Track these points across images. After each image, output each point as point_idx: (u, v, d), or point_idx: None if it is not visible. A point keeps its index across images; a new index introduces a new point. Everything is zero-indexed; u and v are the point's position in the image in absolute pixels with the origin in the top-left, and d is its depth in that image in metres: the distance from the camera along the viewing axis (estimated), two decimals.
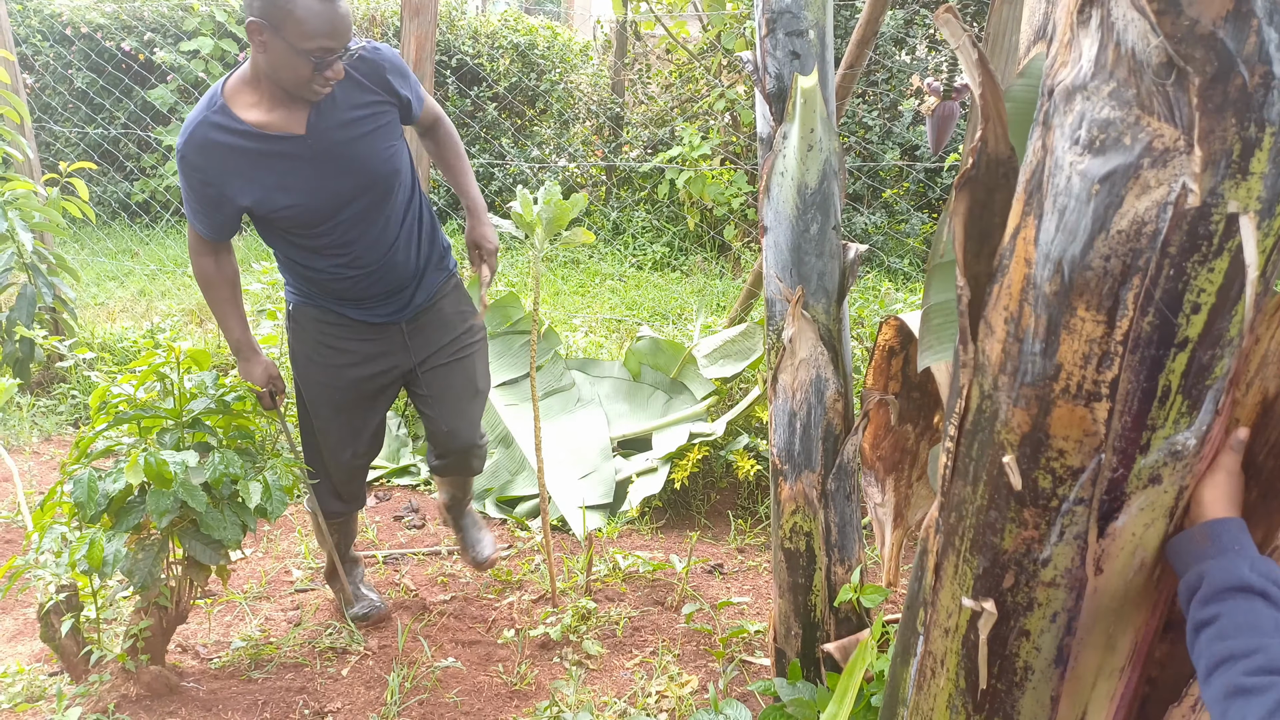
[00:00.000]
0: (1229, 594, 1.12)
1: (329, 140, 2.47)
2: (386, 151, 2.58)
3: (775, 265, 2.12)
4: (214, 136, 2.42)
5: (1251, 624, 1.09)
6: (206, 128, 2.43)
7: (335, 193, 2.52)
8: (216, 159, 2.44)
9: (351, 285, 2.67)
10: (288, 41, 2.27)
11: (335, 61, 2.33)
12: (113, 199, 8.50)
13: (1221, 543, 1.17)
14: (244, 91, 2.44)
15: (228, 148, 2.43)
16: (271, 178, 2.47)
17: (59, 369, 4.94)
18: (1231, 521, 1.19)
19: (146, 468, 2.31)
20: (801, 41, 1.94)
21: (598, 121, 8.61)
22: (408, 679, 2.75)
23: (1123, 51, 1.07)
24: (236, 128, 2.42)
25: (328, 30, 2.27)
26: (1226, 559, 1.15)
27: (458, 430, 2.92)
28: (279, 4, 2.24)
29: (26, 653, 2.88)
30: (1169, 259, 1.08)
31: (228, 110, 2.43)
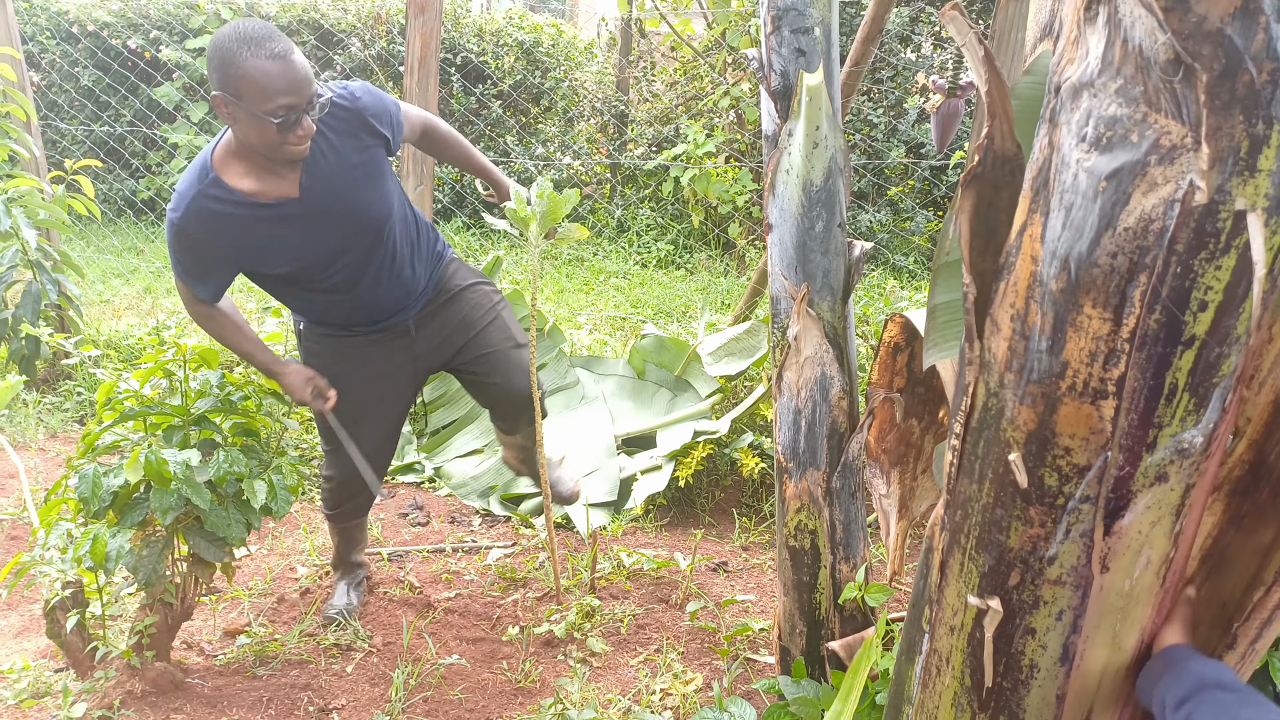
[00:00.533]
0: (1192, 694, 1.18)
1: (323, 199, 2.49)
2: (380, 196, 2.59)
3: (780, 263, 2.12)
4: (210, 207, 2.42)
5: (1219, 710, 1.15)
6: (202, 199, 2.42)
7: (333, 245, 2.55)
8: (214, 228, 2.44)
9: (355, 311, 2.71)
10: (248, 109, 2.25)
11: (301, 118, 2.30)
12: (118, 196, 8.52)
13: (1175, 657, 1.26)
14: (232, 162, 2.44)
15: (224, 217, 2.43)
16: (270, 241, 2.49)
17: (64, 366, 4.95)
18: (1180, 647, 1.29)
19: (146, 465, 2.31)
20: (807, 39, 1.94)
21: (602, 119, 8.61)
22: (412, 676, 2.75)
23: (1130, 48, 1.07)
24: (231, 199, 2.42)
25: (284, 87, 2.24)
26: (1180, 668, 1.23)
27: (510, 381, 2.94)
28: (232, 73, 2.23)
29: (32, 649, 2.88)
30: (1176, 256, 1.07)
31: (220, 182, 2.42)
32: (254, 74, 2.21)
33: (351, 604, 3.10)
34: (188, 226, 2.44)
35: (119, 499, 2.40)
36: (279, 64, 2.23)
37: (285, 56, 2.24)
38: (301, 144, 2.35)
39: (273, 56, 2.22)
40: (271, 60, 2.22)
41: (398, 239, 2.68)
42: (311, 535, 3.62)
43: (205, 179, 2.43)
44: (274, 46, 2.23)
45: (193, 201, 2.42)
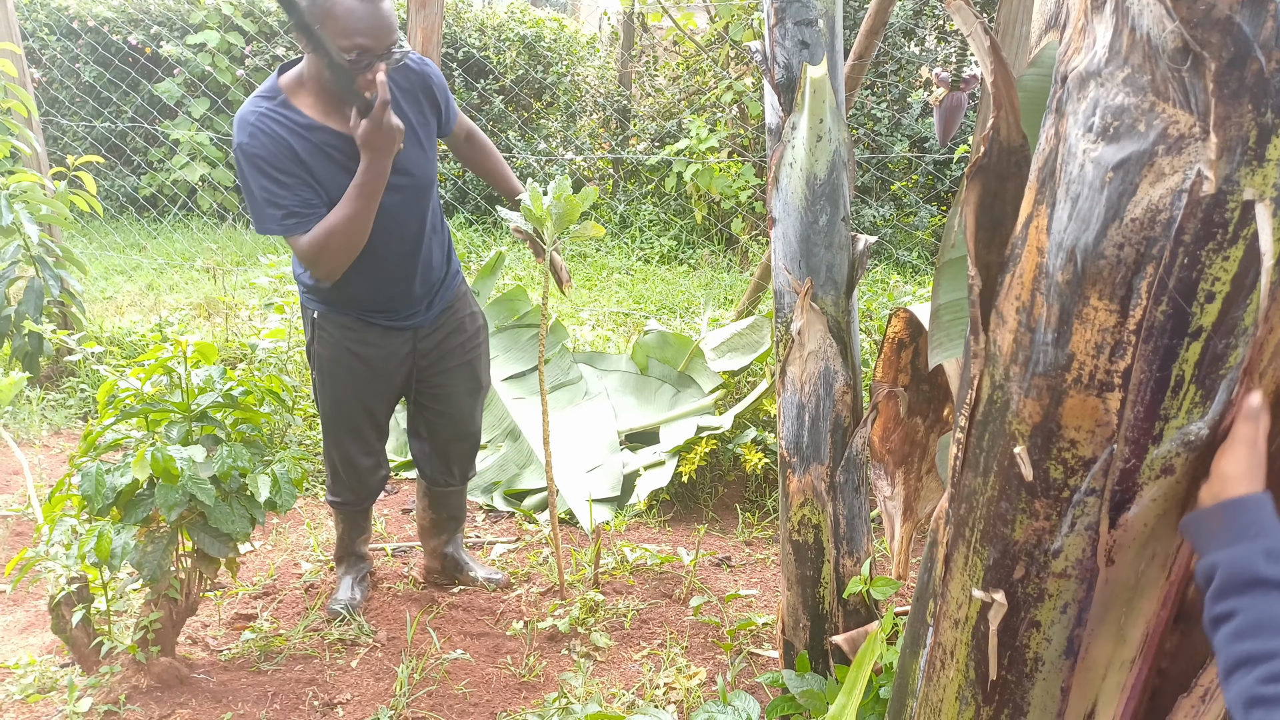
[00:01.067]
0: (1244, 589, 1.07)
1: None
2: (429, 161, 2.67)
3: (784, 257, 2.12)
4: (277, 127, 2.43)
5: (1267, 623, 1.04)
6: (269, 120, 2.43)
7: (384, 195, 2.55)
8: (283, 143, 2.44)
9: (375, 289, 2.70)
10: (329, 40, 2.28)
11: (375, 63, 2.33)
12: (120, 193, 8.51)
13: (1236, 527, 1.10)
14: (301, 90, 2.47)
15: (292, 135, 2.44)
16: (324, 170, 2.49)
17: (68, 363, 4.95)
18: (1248, 500, 1.11)
19: (153, 463, 2.31)
20: (811, 31, 1.93)
21: (605, 114, 8.60)
22: (417, 670, 2.75)
23: (1137, 37, 1.06)
24: (300, 120, 2.45)
25: (365, 29, 2.29)
26: (1240, 548, 1.08)
27: (465, 425, 3.03)
28: (320, 3, 2.26)
29: (38, 644, 2.89)
30: (1183, 247, 1.07)
31: (289, 104, 2.45)
32: (339, 9, 2.26)
33: (355, 599, 3.09)
34: (256, 141, 2.42)
35: (123, 496, 2.40)
36: (366, 6, 2.28)
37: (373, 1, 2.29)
38: (368, 89, 2.37)
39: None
40: (362, 3, 2.27)
41: (430, 217, 2.73)
42: (316, 530, 3.62)
43: (273, 99, 2.46)
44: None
45: (260, 119, 2.43)
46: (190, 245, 7.52)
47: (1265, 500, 1.11)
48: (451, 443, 3.04)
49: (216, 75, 8.25)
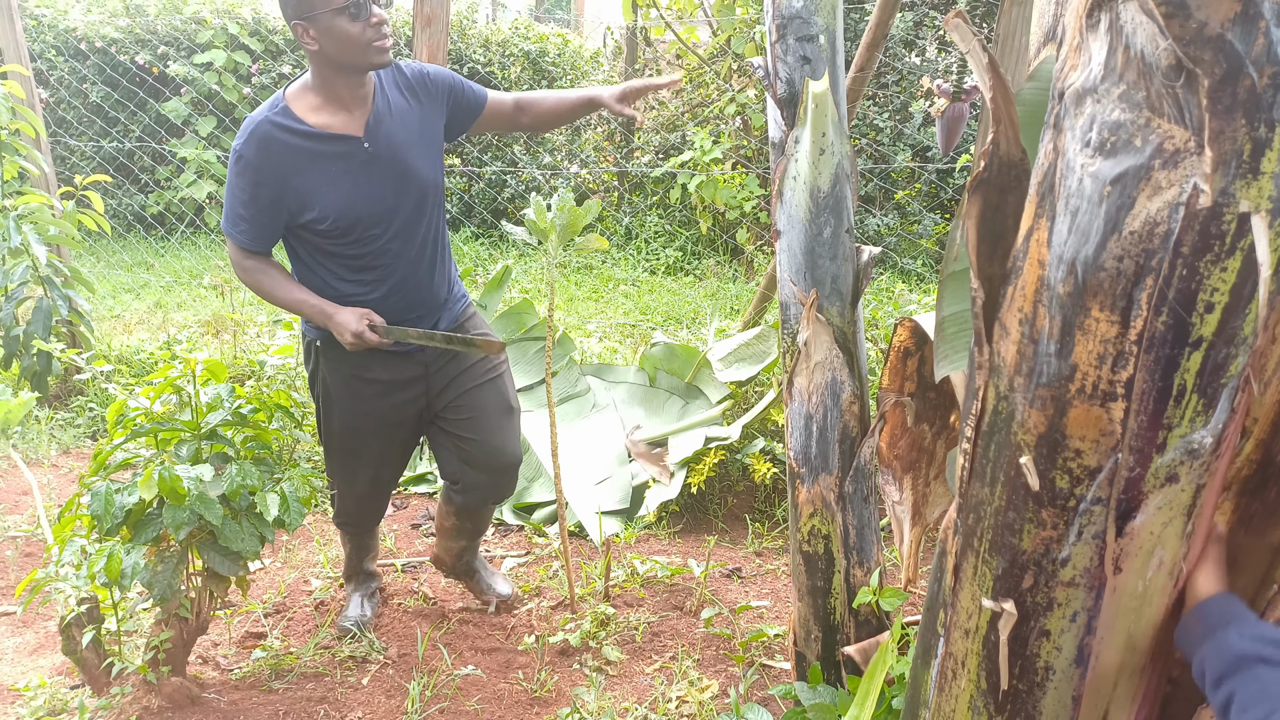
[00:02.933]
0: (1231, 671, 1.15)
1: (385, 143, 2.55)
2: (432, 163, 2.67)
3: (789, 269, 2.13)
4: (274, 135, 2.48)
5: (1261, 691, 1.12)
6: (267, 126, 2.48)
7: (383, 197, 2.57)
8: (274, 157, 2.48)
9: (378, 306, 2.65)
10: (322, 13, 2.34)
11: (370, 5, 2.37)
12: (128, 211, 8.56)
13: (1210, 621, 1.22)
14: (305, 96, 2.51)
15: (286, 146, 2.48)
16: (324, 179, 2.52)
17: (76, 382, 4.98)
18: (1216, 599, 1.24)
19: (160, 482, 2.32)
20: (812, 46, 1.95)
21: (609, 127, 8.63)
22: (428, 687, 2.76)
23: (1132, 54, 1.07)
24: (297, 128, 2.48)
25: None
26: (1218, 637, 1.19)
27: (503, 446, 2.88)
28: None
29: (48, 666, 2.90)
30: (1182, 259, 1.08)
31: (289, 112, 2.49)
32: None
33: (365, 615, 3.10)
34: (247, 152, 2.49)
35: (132, 515, 2.41)
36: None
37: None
38: (381, 38, 2.41)
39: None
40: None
41: (435, 230, 2.73)
42: (325, 548, 3.63)
43: (275, 108, 2.51)
44: None
45: (258, 127, 2.48)
46: (198, 262, 7.55)
47: (1230, 596, 1.25)
48: (491, 472, 2.89)
49: (223, 94, 8.31)
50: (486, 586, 3.23)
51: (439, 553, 3.23)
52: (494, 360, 2.88)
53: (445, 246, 2.81)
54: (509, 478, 2.94)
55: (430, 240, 2.72)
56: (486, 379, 2.86)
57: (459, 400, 2.83)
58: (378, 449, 2.88)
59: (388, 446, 2.91)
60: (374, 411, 2.80)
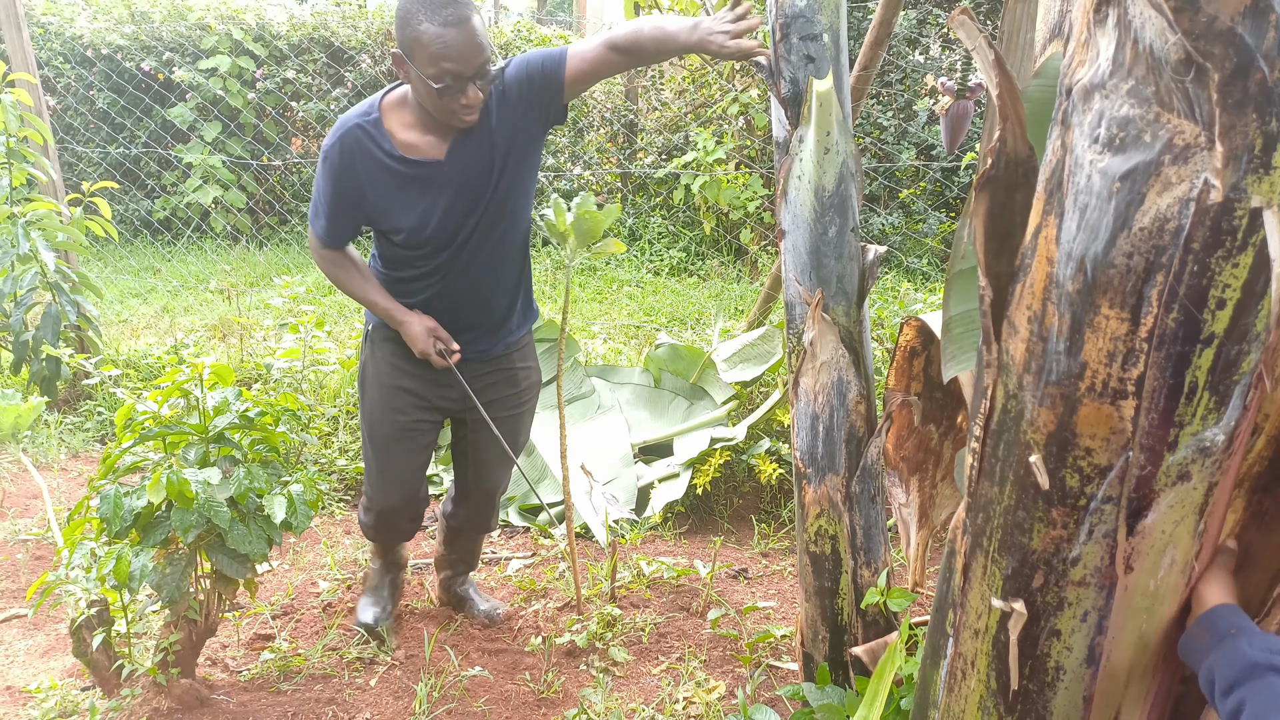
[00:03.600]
0: (1243, 679, 1.15)
1: (466, 170, 2.49)
2: (518, 189, 2.58)
3: (794, 269, 2.13)
4: (361, 145, 2.46)
5: (1274, 700, 1.12)
6: (357, 132, 2.46)
7: (454, 219, 2.53)
8: (357, 167, 2.47)
9: (438, 315, 2.65)
10: (418, 69, 2.28)
11: (466, 86, 2.30)
12: (135, 217, 8.58)
13: (1218, 630, 1.22)
14: (400, 111, 2.48)
15: (370, 160, 2.47)
16: (403, 199, 2.50)
17: (85, 386, 4.99)
18: (1221, 609, 1.24)
19: (169, 486, 2.32)
20: (816, 45, 1.94)
21: (612, 129, 8.63)
22: (435, 688, 2.76)
23: (1140, 49, 1.07)
24: (383, 146, 2.46)
25: (453, 54, 2.24)
26: (1227, 645, 1.19)
27: (488, 478, 2.95)
28: (408, 33, 2.26)
29: (59, 668, 2.90)
30: (1192, 255, 1.07)
31: (380, 125, 2.46)
32: (425, 36, 2.23)
33: (385, 611, 3.05)
34: (333, 155, 2.48)
35: (141, 518, 2.41)
36: (451, 31, 2.23)
37: (459, 24, 2.24)
38: (468, 113, 2.36)
39: (446, 23, 2.23)
40: (443, 26, 2.22)
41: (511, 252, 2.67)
42: (333, 550, 3.63)
43: (368, 116, 2.47)
44: (448, 12, 2.23)
45: (348, 131, 2.46)
46: (204, 267, 7.57)
47: (1235, 607, 1.25)
48: (471, 490, 2.98)
49: (228, 99, 8.32)
50: (479, 612, 3.20)
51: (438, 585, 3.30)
52: (525, 396, 2.89)
53: (516, 271, 2.73)
54: (489, 507, 3.03)
55: (501, 261, 2.65)
56: (510, 414, 2.86)
57: (477, 423, 2.83)
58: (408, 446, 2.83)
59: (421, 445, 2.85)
60: (409, 408, 2.76)
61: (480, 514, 3.04)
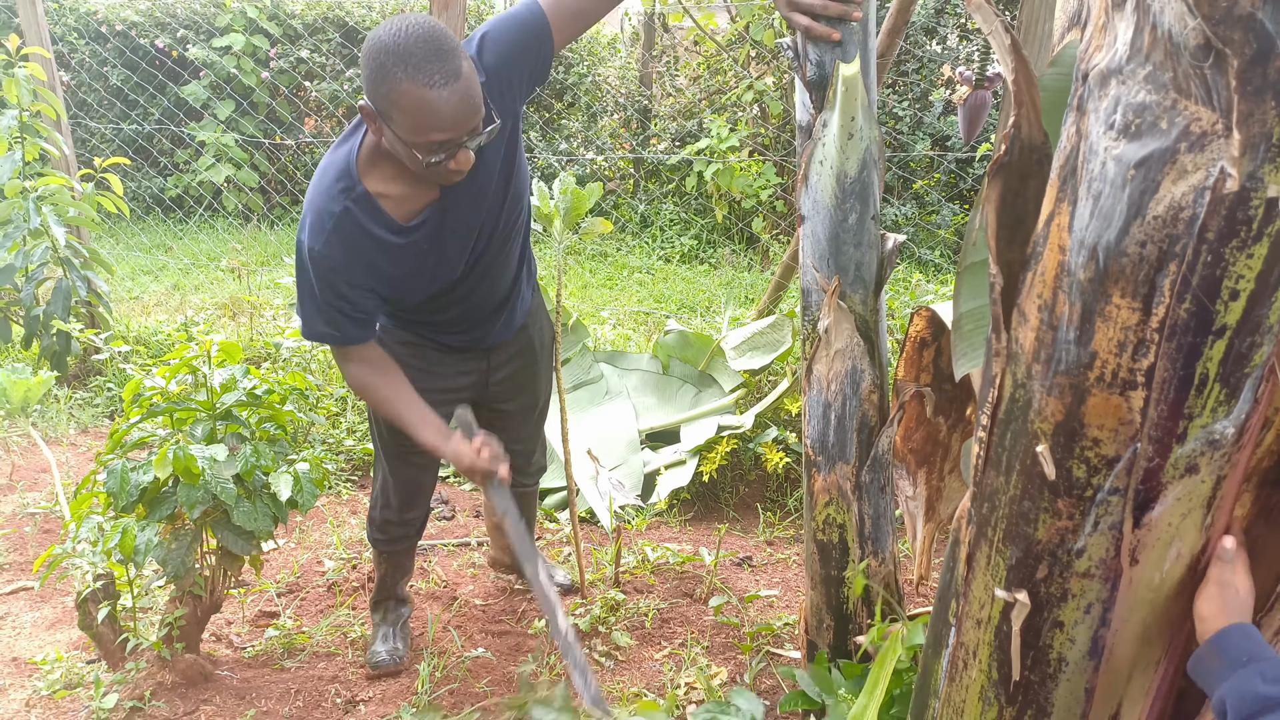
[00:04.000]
0: (1256, 713, 1.13)
1: (468, 192, 2.19)
2: (521, 176, 2.33)
3: (812, 255, 2.11)
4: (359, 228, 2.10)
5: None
6: (351, 221, 2.09)
7: (472, 246, 2.29)
8: (361, 251, 2.13)
9: (450, 316, 2.48)
10: (397, 134, 1.93)
11: (457, 151, 1.96)
12: (147, 194, 8.59)
13: (1230, 657, 1.19)
14: (378, 165, 2.10)
15: (372, 240, 2.12)
16: (413, 260, 2.21)
17: (95, 362, 5.01)
18: (1233, 630, 1.21)
19: (175, 461, 2.33)
20: (844, 27, 1.92)
21: (625, 114, 8.61)
22: (438, 669, 2.77)
23: (1159, 34, 1.05)
24: (381, 219, 2.12)
25: (444, 123, 1.90)
26: (1239, 676, 1.16)
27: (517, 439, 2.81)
28: (383, 90, 1.88)
29: (65, 640, 2.92)
30: (1207, 244, 1.06)
31: (369, 199, 2.10)
32: (404, 101, 1.87)
33: (399, 649, 2.82)
34: (332, 253, 2.10)
35: (147, 493, 2.42)
36: (440, 94, 1.86)
37: (449, 84, 1.86)
38: (459, 176, 2.04)
39: (433, 85, 1.85)
40: (430, 89, 1.85)
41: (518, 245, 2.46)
42: (339, 529, 3.64)
43: (352, 192, 2.08)
44: (435, 74, 1.85)
45: (340, 221, 2.08)
46: (216, 245, 7.58)
47: (1248, 628, 1.21)
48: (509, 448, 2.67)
49: (241, 78, 8.32)
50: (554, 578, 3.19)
51: (495, 554, 3.21)
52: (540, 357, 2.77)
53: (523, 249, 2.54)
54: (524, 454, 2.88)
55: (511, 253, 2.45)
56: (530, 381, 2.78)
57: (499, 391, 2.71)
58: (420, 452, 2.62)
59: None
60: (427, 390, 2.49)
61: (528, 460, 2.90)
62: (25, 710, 2.57)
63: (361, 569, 3.35)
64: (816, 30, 1.88)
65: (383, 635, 2.84)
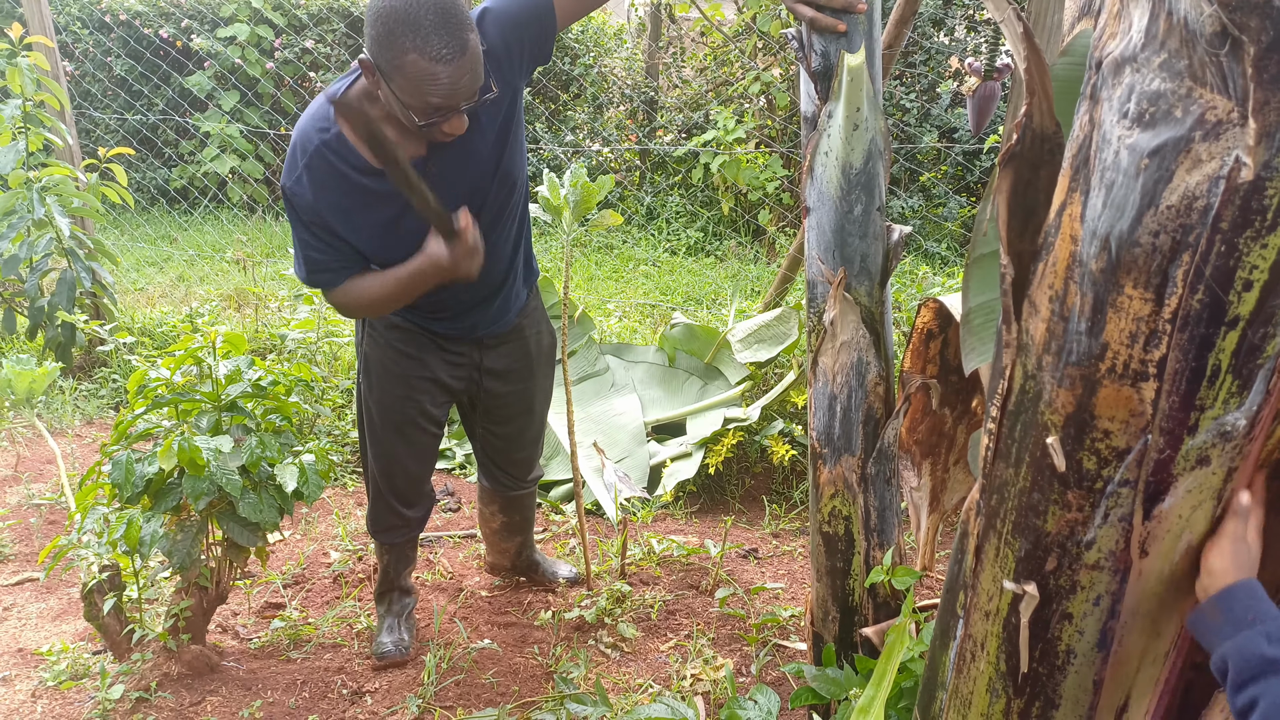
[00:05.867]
0: (1257, 675, 1.11)
1: (456, 160, 2.22)
2: (517, 154, 2.34)
3: (818, 247, 2.10)
4: (324, 174, 2.16)
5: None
6: (319, 162, 2.14)
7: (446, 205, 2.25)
8: (328, 198, 2.18)
9: (438, 301, 2.46)
10: (395, 94, 1.98)
11: (453, 115, 2.02)
12: (151, 185, 8.60)
13: (1235, 615, 1.16)
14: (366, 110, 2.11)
15: (341, 181, 2.17)
16: (372, 215, 2.23)
17: (100, 353, 5.01)
18: (1238, 589, 1.18)
19: (180, 453, 2.33)
20: (850, 18, 1.91)
21: (632, 105, 8.59)
22: (444, 660, 2.77)
23: (1174, 21, 1.04)
24: (353, 162, 2.16)
25: (443, 91, 1.95)
26: (1243, 636, 1.14)
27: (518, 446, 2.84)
28: (388, 54, 1.93)
29: (70, 631, 2.92)
30: (1220, 235, 1.05)
31: (344, 139, 2.14)
32: (407, 69, 1.92)
33: (404, 640, 2.82)
34: (300, 197, 2.16)
35: (153, 485, 2.42)
36: (443, 67, 1.92)
37: (453, 59, 1.92)
38: (450, 137, 2.09)
39: (438, 59, 1.91)
40: (435, 62, 1.91)
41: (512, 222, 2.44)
42: (344, 521, 3.64)
43: (328, 130, 2.14)
44: (442, 47, 1.90)
45: (309, 163, 2.14)
46: (220, 237, 7.58)
47: (1255, 586, 1.18)
48: (507, 457, 2.87)
49: (246, 68, 8.31)
50: (552, 575, 3.20)
51: (493, 560, 3.20)
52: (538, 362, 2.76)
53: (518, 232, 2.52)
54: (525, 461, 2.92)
55: (505, 238, 2.45)
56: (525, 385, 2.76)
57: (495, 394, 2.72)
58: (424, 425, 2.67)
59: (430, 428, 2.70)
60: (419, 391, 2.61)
61: (528, 468, 2.93)
62: (31, 701, 2.58)
63: (367, 560, 3.35)
64: (822, 21, 1.87)
65: (388, 626, 2.84)
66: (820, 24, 1.87)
